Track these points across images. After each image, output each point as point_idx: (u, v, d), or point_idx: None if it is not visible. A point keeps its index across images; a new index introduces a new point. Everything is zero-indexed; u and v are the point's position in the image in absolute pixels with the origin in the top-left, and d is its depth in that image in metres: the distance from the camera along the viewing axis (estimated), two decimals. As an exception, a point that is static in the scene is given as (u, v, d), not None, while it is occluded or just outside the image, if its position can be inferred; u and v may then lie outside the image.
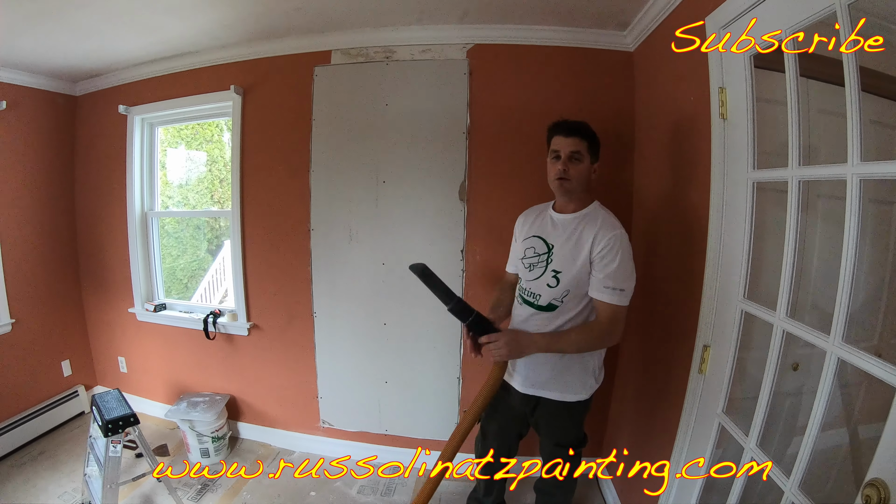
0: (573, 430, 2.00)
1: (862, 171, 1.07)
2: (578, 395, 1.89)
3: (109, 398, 2.41)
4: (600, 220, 1.75)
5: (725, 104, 1.59)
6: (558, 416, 1.95)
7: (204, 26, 2.52)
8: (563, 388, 1.88)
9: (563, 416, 1.94)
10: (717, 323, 1.66)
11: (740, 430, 1.51)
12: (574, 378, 1.87)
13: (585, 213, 1.82)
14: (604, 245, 1.68)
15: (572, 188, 1.79)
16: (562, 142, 1.77)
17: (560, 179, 1.78)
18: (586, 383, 1.88)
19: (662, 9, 2.02)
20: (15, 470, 2.84)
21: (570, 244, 1.79)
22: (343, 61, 2.67)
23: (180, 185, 4.14)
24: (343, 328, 2.91)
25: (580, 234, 1.77)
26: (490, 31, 2.48)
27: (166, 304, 3.41)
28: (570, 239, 1.80)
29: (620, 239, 1.68)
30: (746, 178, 1.51)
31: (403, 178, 2.67)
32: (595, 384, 1.92)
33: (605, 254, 1.68)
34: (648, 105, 2.35)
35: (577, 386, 1.88)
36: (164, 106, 3.10)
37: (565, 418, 1.96)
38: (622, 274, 1.67)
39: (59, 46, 2.68)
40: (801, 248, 1.35)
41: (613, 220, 1.75)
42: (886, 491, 0.93)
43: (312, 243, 2.84)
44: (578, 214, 1.82)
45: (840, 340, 1.11)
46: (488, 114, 2.56)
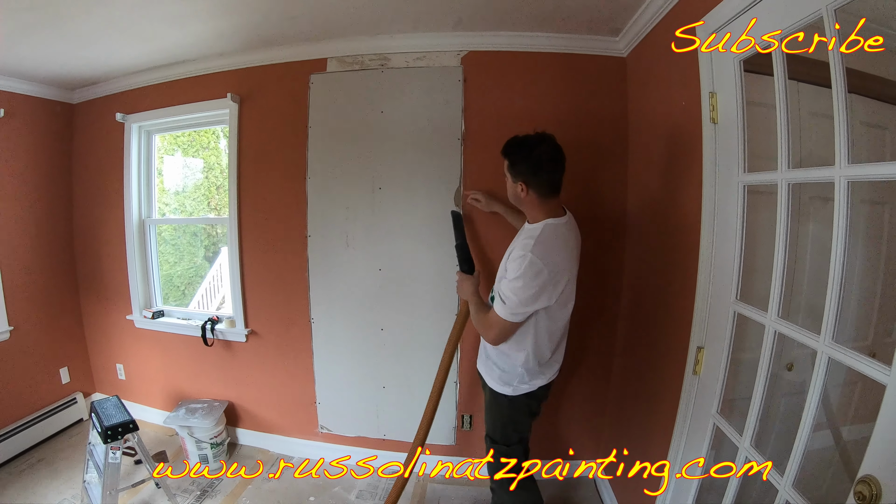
0: (498, 423, 2.05)
1: (849, 174, 1.09)
2: (500, 388, 1.96)
3: (108, 405, 2.41)
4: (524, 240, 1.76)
5: (716, 108, 1.61)
6: (490, 403, 2.07)
7: (201, 35, 2.54)
8: (492, 376, 2.00)
9: (493, 404, 2.04)
10: (711, 324, 1.67)
11: (735, 430, 1.53)
12: (499, 372, 1.96)
13: (522, 230, 1.90)
14: (512, 258, 1.77)
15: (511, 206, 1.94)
16: None
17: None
18: (510, 381, 1.94)
19: (654, 14, 2.05)
20: (14, 477, 2.83)
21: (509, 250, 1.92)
22: (339, 69, 2.69)
23: (177, 192, 4.16)
24: (340, 334, 2.92)
25: (512, 247, 1.90)
26: (484, 38, 2.50)
27: (164, 311, 3.41)
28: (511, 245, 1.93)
29: (525, 260, 1.67)
30: (737, 182, 1.52)
31: (399, 184, 2.69)
32: (523, 387, 1.94)
33: (508, 264, 1.79)
34: (641, 110, 2.37)
35: (502, 379, 1.96)
36: (162, 114, 3.11)
37: (493, 406, 2.05)
38: (510, 288, 1.71)
39: (56, 55, 2.69)
40: (793, 249, 1.37)
41: (537, 244, 1.70)
42: (878, 487, 0.95)
43: (309, 250, 2.85)
44: (527, 227, 1.87)
45: (830, 340, 1.13)
46: (483, 120, 2.58)
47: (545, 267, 1.67)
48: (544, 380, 1.97)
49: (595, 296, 2.59)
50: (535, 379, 1.94)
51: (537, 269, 1.66)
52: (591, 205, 2.55)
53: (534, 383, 1.94)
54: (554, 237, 1.76)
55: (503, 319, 1.75)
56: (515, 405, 1.97)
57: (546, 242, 1.72)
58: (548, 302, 1.74)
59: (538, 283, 1.68)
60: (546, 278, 1.68)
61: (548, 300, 1.73)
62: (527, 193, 1.78)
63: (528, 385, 1.93)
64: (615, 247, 2.59)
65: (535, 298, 1.70)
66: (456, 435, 2.90)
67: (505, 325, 1.77)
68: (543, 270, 1.67)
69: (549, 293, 1.72)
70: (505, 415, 2.02)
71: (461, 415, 2.87)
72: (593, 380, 2.77)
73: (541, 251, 1.68)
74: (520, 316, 1.75)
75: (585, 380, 2.75)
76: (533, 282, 1.67)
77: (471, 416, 2.85)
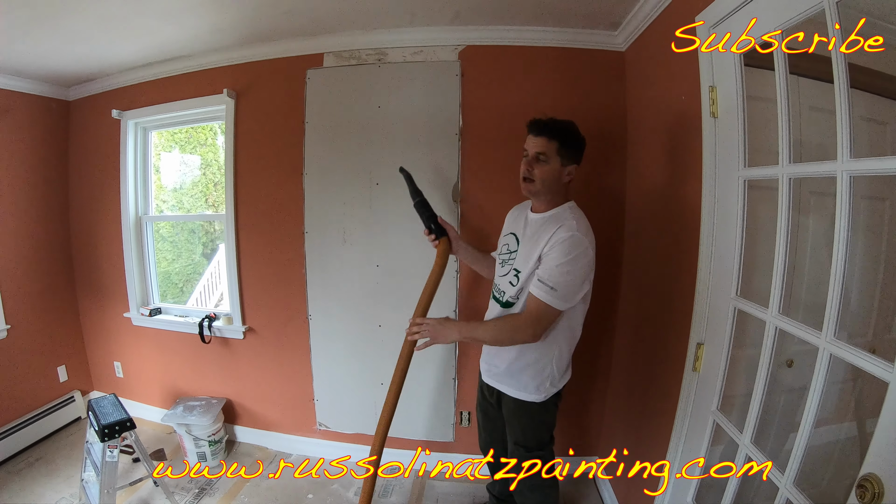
0: (531, 431, 1.92)
1: (852, 168, 1.07)
2: (532, 396, 1.84)
3: (106, 403, 2.40)
4: (564, 222, 1.67)
5: (716, 102, 1.60)
6: (516, 414, 1.92)
7: (196, 30, 2.52)
8: (518, 386, 1.86)
9: (521, 414, 1.90)
10: (711, 321, 1.66)
11: (735, 427, 1.52)
12: (528, 379, 1.83)
13: (553, 214, 1.76)
14: (554, 242, 1.63)
15: (536, 190, 1.74)
16: (530, 141, 1.74)
17: (524, 180, 1.75)
18: (541, 386, 1.83)
19: (653, 8, 2.03)
20: (12, 476, 2.82)
21: (531, 243, 1.76)
22: (335, 64, 2.67)
23: (175, 188, 4.14)
24: (338, 330, 2.91)
25: (540, 234, 1.72)
26: (482, 32, 2.48)
27: (161, 309, 3.39)
28: (532, 238, 1.76)
29: (573, 241, 1.61)
30: (737, 176, 1.51)
31: (397, 180, 2.64)
32: (552, 388, 1.85)
33: (549, 250, 1.64)
34: (640, 104, 2.35)
35: (530, 386, 1.84)
36: (158, 110, 3.09)
37: (522, 417, 1.91)
38: (560, 272, 1.61)
39: (52, 51, 2.67)
40: (794, 245, 1.35)
41: (579, 223, 1.66)
42: (880, 486, 0.93)
43: (307, 246, 2.83)
44: (546, 215, 1.78)
45: (832, 337, 1.12)
46: (480, 115, 2.56)
47: (590, 245, 1.64)
48: (569, 374, 1.92)
49: (594, 292, 2.54)
50: (563, 377, 1.88)
51: (584, 247, 1.62)
52: (589, 199, 2.52)
53: (561, 383, 1.88)
54: (584, 217, 1.74)
55: (554, 309, 1.64)
56: (546, 407, 1.88)
57: (583, 220, 1.70)
58: (590, 285, 1.71)
59: (586, 261, 1.64)
60: (591, 257, 1.66)
61: (590, 283, 1.70)
62: (572, 178, 1.75)
63: (556, 387, 1.86)
64: (614, 242, 2.57)
65: (584, 281, 1.67)
66: (454, 431, 2.89)
67: (554, 314, 1.66)
68: (589, 249, 1.64)
69: (592, 274, 1.69)
70: (537, 420, 1.90)
71: (459, 412, 2.86)
72: (593, 377, 2.76)
73: (584, 229, 1.66)
74: (572, 302, 1.67)
75: (585, 377, 2.73)
76: (583, 261, 1.63)
77: (469, 412, 2.84)
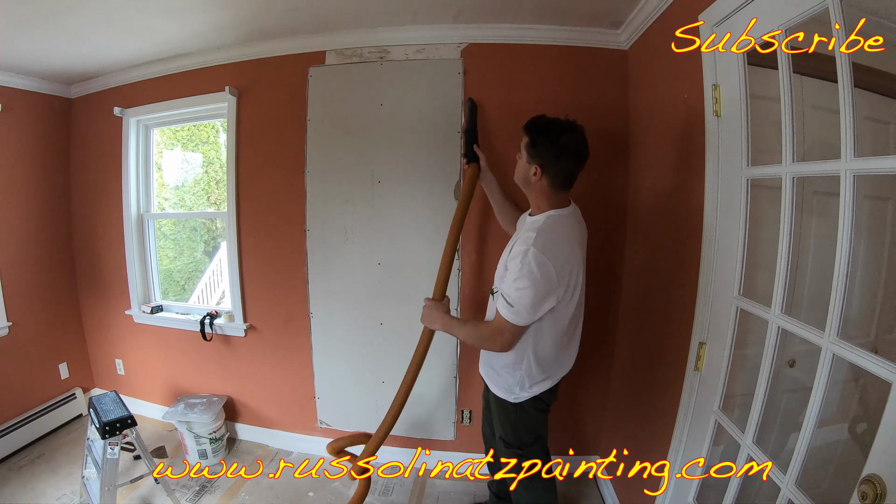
0: (509, 428, 1.90)
1: (856, 167, 1.07)
2: (507, 396, 1.85)
3: (107, 400, 2.40)
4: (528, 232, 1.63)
5: (719, 101, 1.59)
6: (496, 409, 1.95)
7: (198, 28, 2.51)
8: (497, 382, 1.89)
9: (499, 410, 1.92)
10: (713, 320, 1.66)
11: (737, 427, 1.51)
12: (503, 378, 1.85)
13: (531, 220, 1.74)
14: (513, 255, 1.63)
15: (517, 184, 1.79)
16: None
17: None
18: (512, 388, 1.82)
19: (656, 7, 2.02)
20: (13, 473, 2.83)
21: (509, 247, 1.80)
22: (337, 62, 2.66)
23: (177, 186, 4.15)
24: (339, 329, 2.90)
25: (514, 240, 1.75)
26: (484, 30, 2.48)
27: (163, 306, 3.40)
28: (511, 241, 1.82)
29: (525, 257, 1.56)
30: (741, 175, 1.50)
31: (399, 178, 2.67)
32: (524, 394, 1.82)
33: (510, 262, 1.65)
34: (643, 103, 2.34)
35: (503, 386, 1.85)
36: (160, 108, 3.09)
37: (500, 413, 1.92)
38: (513, 287, 1.59)
39: (53, 49, 2.67)
40: (797, 244, 1.35)
41: (539, 237, 1.59)
42: (883, 487, 0.93)
43: (308, 244, 2.83)
44: (530, 219, 1.76)
45: (835, 336, 1.11)
46: (483, 113, 2.55)
47: (549, 261, 1.55)
48: (549, 383, 1.84)
49: (595, 291, 2.55)
50: (536, 385, 1.81)
51: (540, 263, 1.54)
52: (592, 199, 2.52)
53: (534, 390, 1.81)
54: (557, 227, 1.66)
55: (510, 324, 1.61)
56: (522, 409, 1.85)
57: (548, 233, 1.62)
58: (556, 300, 1.62)
59: (544, 280, 1.55)
60: (552, 274, 1.56)
61: (556, 298, 1.61)
62: (539, 179, 1.67)
63: (528, 392, 1.81)
64: (616, 241, 2.57)
65: (544, 298, 1.59)
66: (455, 430, 2.89)
67: (515, 329, 1.63)
68: (547, 264, 1.55)
69: (557, 290, 1.60)
70: (513, 419, 1.88)
71: (461, 410, 2.86)
72: (594, 377, 2.75)
73: (543, 243, 1.57)
74: (530, 319, 1.62)
75: (586, 377, 2.73)
76: (539, 280, 1.55)
77: (470, 411, 2.84)
